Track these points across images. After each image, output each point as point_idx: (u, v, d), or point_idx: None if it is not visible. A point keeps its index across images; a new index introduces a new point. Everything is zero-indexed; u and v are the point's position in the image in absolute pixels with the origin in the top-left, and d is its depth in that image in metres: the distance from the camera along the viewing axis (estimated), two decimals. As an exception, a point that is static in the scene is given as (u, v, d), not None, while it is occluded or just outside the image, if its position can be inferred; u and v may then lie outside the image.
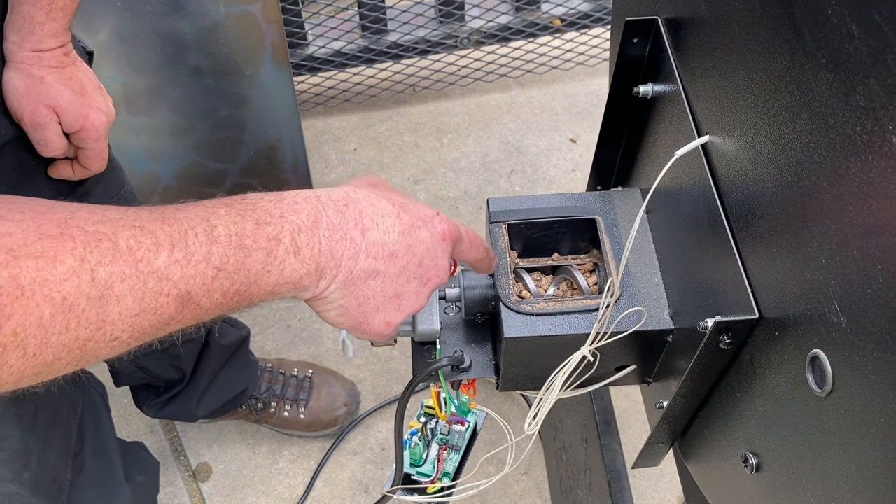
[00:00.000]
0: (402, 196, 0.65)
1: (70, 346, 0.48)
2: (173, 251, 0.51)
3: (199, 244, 0.52)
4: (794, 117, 0.50)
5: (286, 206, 0.57)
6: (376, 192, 0.63)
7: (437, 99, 2.06)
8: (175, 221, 0.52)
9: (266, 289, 0.56)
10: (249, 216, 0.55)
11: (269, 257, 0.55)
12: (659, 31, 0.75)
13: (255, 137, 1.63)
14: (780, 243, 0.53)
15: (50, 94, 0.90)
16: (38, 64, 0.89)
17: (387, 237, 0.61)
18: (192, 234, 0.52)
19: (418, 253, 0.63)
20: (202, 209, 0.54)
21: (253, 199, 0.57)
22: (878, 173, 0.41)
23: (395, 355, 1.64)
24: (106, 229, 0.50)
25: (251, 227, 0.54)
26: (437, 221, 0.64)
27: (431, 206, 0.66)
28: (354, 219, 0.59)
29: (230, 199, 0.56)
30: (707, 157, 0.66)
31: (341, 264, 0.59)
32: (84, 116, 0.93)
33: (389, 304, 0.63)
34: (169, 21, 1.45)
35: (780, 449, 0.56)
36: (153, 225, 0.51)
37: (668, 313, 0.74)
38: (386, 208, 0.61)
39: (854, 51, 0.42)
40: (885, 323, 0.42)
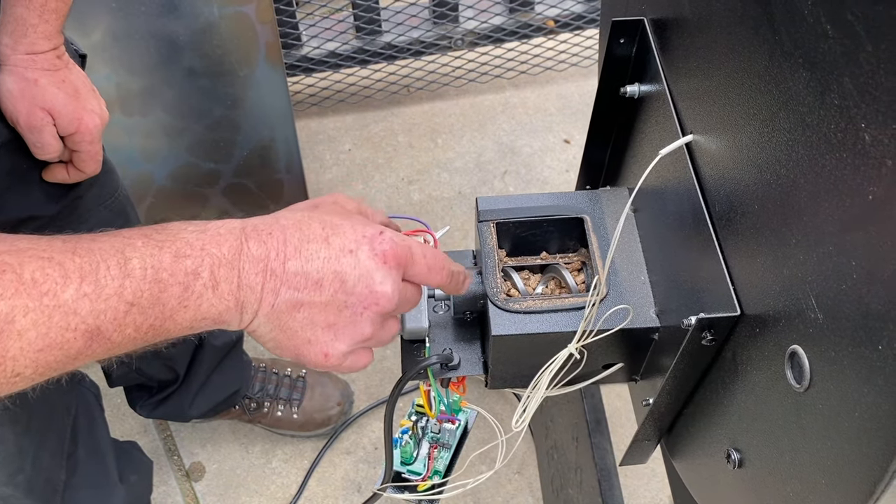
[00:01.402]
0: (341, 217, 0.60)
1: None
2: (82, 284, 0.49)
3: (112, 277, 0.50)
4: (772, 116, 0.51)
5: (209, 238, 0.54)
6: (313, 213, 0.59)
7: (432, 100, 2.07)
8: (87, 253, 0.50)
9: (183, 324, 0.54)
10: (168, 248, 0.52)
11: (186, 292, 0.53)
12: (645, 32, 0.76)
13: (249, 138, 1.64)
14: (760, 241, 0.54)
15: (45, 97, 0.90)
16: (32, 67, 0.89)
17: (309, 265, 0.56)
18: (103, 267, 0.50)
19: (349, 279, 0.57)
20: (118, 240, 0.52)
21: (175, 229, 0.54)
22: (851, 170, 0.42)
23: (388, 355, 1.65)
24: (11, 260, 0.48)
25: (169, 260, 0.52)
26: (378, 242, 0.59)
27: (382, 225, 0.61)
28: (276, 249, 0.56)
29: (151, 228, 0.54)
30: (691, 156, 0.66)
31: (262, 298, 0.56)
32: (78, 119, 0.93)
33: (323, 335, 0.59)
34: (163, 22, 1.45)
35: (761, 444, 0.57)
36: (63, 256, 0.49)
37: (654, 311, 0.75)
38: (314, 233, 0.57)
39: (828, 50, 0.43)
40: (858, 318, 0.42)
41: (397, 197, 1.89)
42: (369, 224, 0.60)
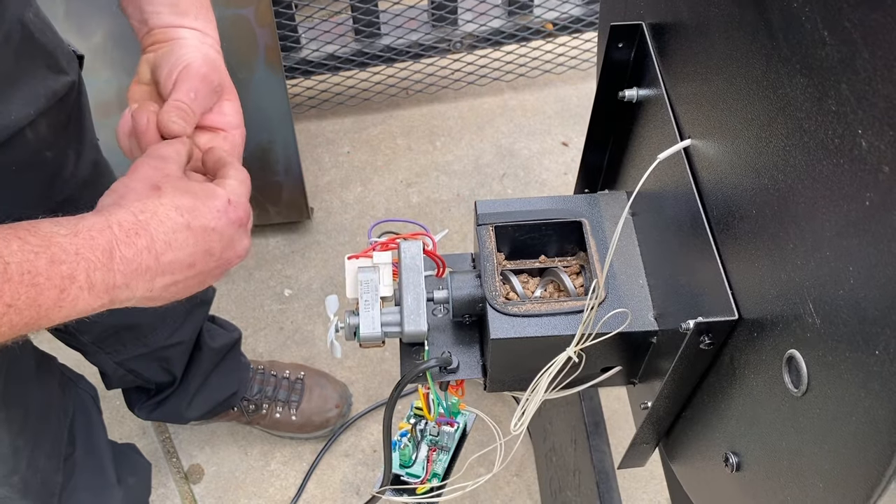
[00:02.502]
0: (189, 195, 0.64)
1: None
2: None
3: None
4: (770, 121, 0.51)
5: (82, 242, 0.56)
6: (163, 199, 0.62)
7: (430, 102, 2.07)
8: None
9: (57, 320, 0.56)
10: (43, 254, 0.54)
11: (62, 294, 0.55)
12: (643, 37, 0.76)
13: (248, 140, 1.63)
14: (758, 245, 0.54)
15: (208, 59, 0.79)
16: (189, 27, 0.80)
17: (181, 253, 0.62)
18: None
19: (216, 250, 0.65)
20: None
21: (46, 233, 0.55)
22: (848, 176, 0.42)
23: (387, 357, 1.65)
24: None
25: (44, 265, 0.54)
26: (232, 211, 0.66)
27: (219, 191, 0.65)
28: (147, 247, 0.59)
29: (24, 230, 0.55)
30: (689, 161, 0.67)
31: (137, 288, 0.60)
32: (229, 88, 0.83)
33: (193, 288, 0.66)
34: (162, 24, 1.45)
35: (759, 448, 0.57)
36: None
37: (652, 315, 0.75)
38: (176, 222, 0.61)
39: (826, 56, 0.43)
40: (856, 323, 0.43)
41: (396, 199, 1.89)
42: (215, 195, 0.65)
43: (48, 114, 0.95)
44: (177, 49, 0.78)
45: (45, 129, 0.95)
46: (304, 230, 1.84)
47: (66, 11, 1.43)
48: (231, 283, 1.76)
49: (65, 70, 0.97)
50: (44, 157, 0.96)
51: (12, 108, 0.90)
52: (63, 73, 0.97)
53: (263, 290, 1.76)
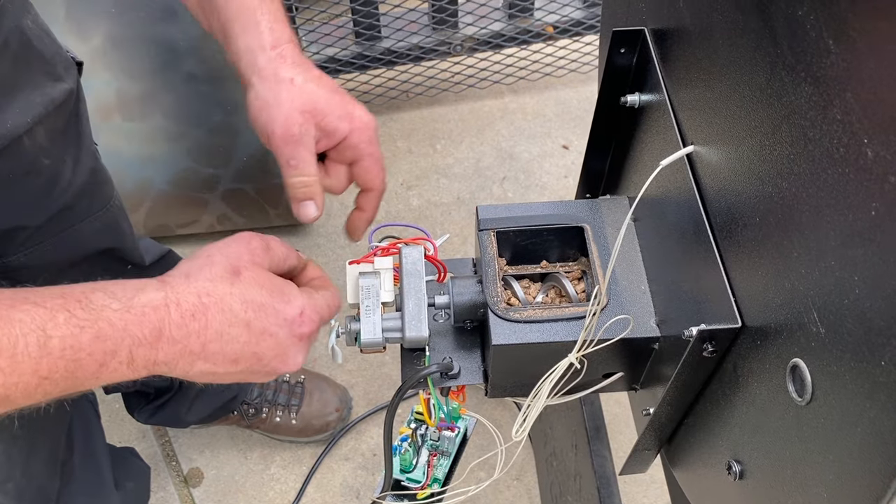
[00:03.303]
0: (265, 292, 0.61)
1: None
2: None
3: (29, 355, 0.50)
4: (774, 129, 0.51)
5: (132, 318, 0.55)
6: (234, 289, 0.59)
7: (431, 105, 2.07)
8: (6, 323, 0.50)
9: (88, 388, 0.55)
10: (89, 330, 0.52)
11: (100, 368, 0.53)
12: (646, 42, 0.76)
13: (248, 143, 1.64)
14: (761, 253, 0.54)
15: (304, 95, 0.72)
16: (284, 64, 0.72)
17: (229, 347, 0.59)
18: (22, 344, 0.50)
19: (265, 357, 0.61)
20: (41, 313, 0.51)
21: (98, 305, 0.54)
22: (853, 185, 0.42)
23: (387, 361, 1.64)
24: None
25: (88, 340, 0.52)
26: (298, 325, 0.62)
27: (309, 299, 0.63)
28: (198, 332, 0.57)
29: (74, 300, 0.53)
30: (692, 167, 0.66)
31: (176, 367, 0.58)
32: (349, 115, 0.74)
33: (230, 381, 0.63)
34: (163, 27, 1.45)
35: (762, 456, 0.57)
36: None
37: (654, 321, 0.75)
38: (237, 315, 0.59)
39: (831, 65, 0.43)
40: (861, 333, 0.42)
41: (396, 202, 1.89)
42: (291, 302, 0.62)
43: (46, 121, 0.94)
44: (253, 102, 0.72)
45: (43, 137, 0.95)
46: (303, 233, 1.84)
47: (66, 14, 1.43)
48: (231, 286, 1.76)
49: (63, 77, 0.97)
50: (41, 165, 0.96)
51: (9, 116, 0.89)
52: (61, 81, 0.96)
53: (263, 293, 1.75)
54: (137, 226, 1.64)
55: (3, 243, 0.99)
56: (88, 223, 1.06)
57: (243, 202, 1.73)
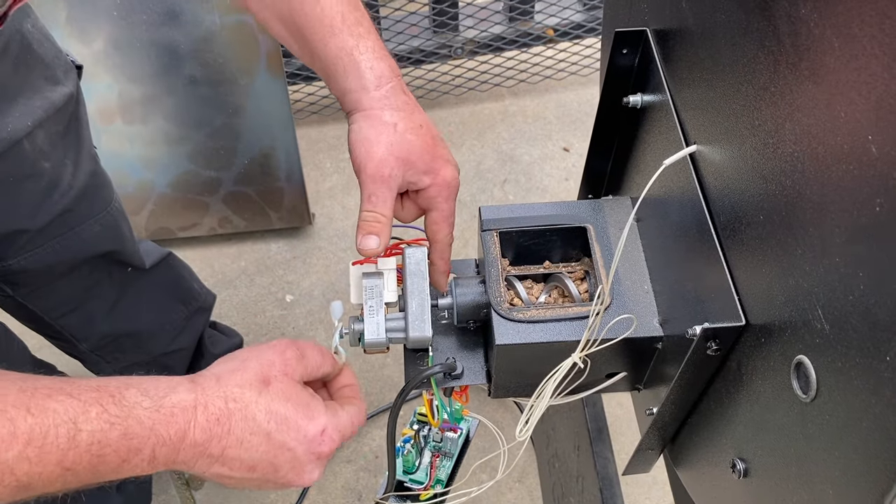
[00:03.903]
0: (290, 406, 0.62)
1: None
2: (27, 448, 0.50)
3: (57, 447, 0.51)
4: (778, 128, 0.51)
5: (161, 418, 0.56)
6: (261, 399, 0.61)
7: (431, 108, 2.07)
8: (41, 412, 0.51)
9: (105, 481, 0.56)
10: (119, 427, 0.54)
11: (123, 463, 0.55)
12: (648, 42, 0.76)
13: (249, 146, 1.64)
14: (765, 251, 0.54)
15: (403, 144, 0.75)
16: (387, 107, 0.75)
17: (247, 454, 0.61)
18: (52, 435, 0.51)
19: (282, 469, 0.63)
20: (75, 405, 0.53)
21: (130, 402, 0.55)
22: (857, 182, 0.42)
23: (389, 363, 1.64)
24: None
25: (116, 437, 0.54)
26: (318, 444, 0.64)
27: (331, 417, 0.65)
28: (220, 437, 0.59)
29: (108, 395, 0.55)
30: (695, 167, 0.66)
31: (193, 466, 0.60)
32: (435, 171, 0.77)
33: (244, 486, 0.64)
34: (164, 30, 1.45)
35: (766, 454, 0.57)
36: (16, 412, 0.50)
37: (657, 320, 0.75)
38: (259, 425, 0.60)
39: (834, 62, 0.43)
40: (866, 329, 0.43)
41: (397, 205, 1.89)
42: (314, 419, 0.63)
43: (46, 125, 0.95)
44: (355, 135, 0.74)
45: (43, 141, 0.95)
46: (305, 236, 1.84)
47: (68, 17, 1.43)
48: (232, 289, 1.76)
49: (62, 81, 0.97)
50: (41, 169, 0.96)
51: (9, 119, 0.90)
52: (61, 84, 0.97)
53: (265, 295, 1.75)
54: (139, 228, 1.64)
55: (3, 247, 0.99)
56: (88, 226, 1.06)
57: (245, 205, 1.73)
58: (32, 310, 1.11)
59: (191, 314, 1.30)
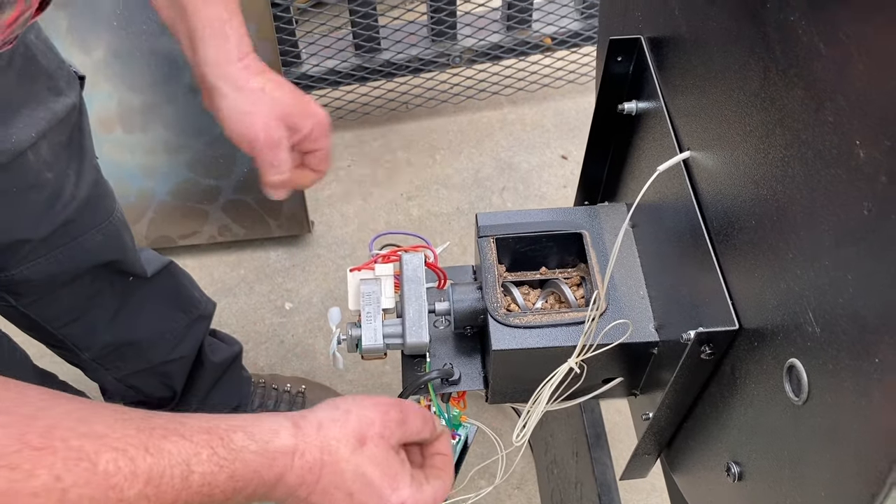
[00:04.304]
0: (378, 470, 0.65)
1: None
2: (146, 486, 0.52)
3: (172, 486, 0.54)
4: (768, 133, 0.51)
5: (263, 462, 0.59)
6: (354, 456, 0.64)
7: (430, 116, 2.08)
8: (158, 453, 0.53)
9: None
10: (227, 469, 0.57)
11: (226, 501, 0.58)
12: (642, 50, 0.77)
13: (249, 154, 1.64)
14: (757, 255, 0.55)
15: (275, 103, 0.80)
16: (249, 75, 0.80)
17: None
18: (168, 475, 0.53)
19: None
20: (188, 447, 0.55)
21: (238, 446, 0.58)
22: (846, 186, 0.43)
23: (388, 370, 1.65)
24: (89, 447, 0.51)
25: (224, 479, 0.57)
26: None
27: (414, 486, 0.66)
28: (309, 484, 0.62)
29: (217, 438, 0.58)
30: (689, 173, 0.67)
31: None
32: (311, 113, 0.83)
33: None
34: (164, 40, 1.46)
35: (760, 457, 0.57)
36: (136, 451, 0.53)
37: (652, 325, 0.75)
38: (345, 482, 0.63)
39: (822, 68, 0.44)
40: (855, 332, 0.43)
41: (396, 213, 1.90)
42: (397, 490, 0.65)
43: (49, 136, 0.95)
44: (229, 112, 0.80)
45: (46, 151, 0.96)
46: (304, 244, 1.85)
47: (69, 27, 1.44)
48: (232, 297, 1.76)
49: (65, 92, 0.98)
50: (44, 179, 0.97)
51: (13, 131, 0.90)
52: (64, 95, 0.97)
53: (264, 303, 1.76)
54: (139, 237, 1.65)
55: (5, 257, 0.99)
56: (91, 236, 1.07)
57: (244, 213, 1.73)
58: (35, 319, 1.12)
59: (191, 322, 1.30)
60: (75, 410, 0.53)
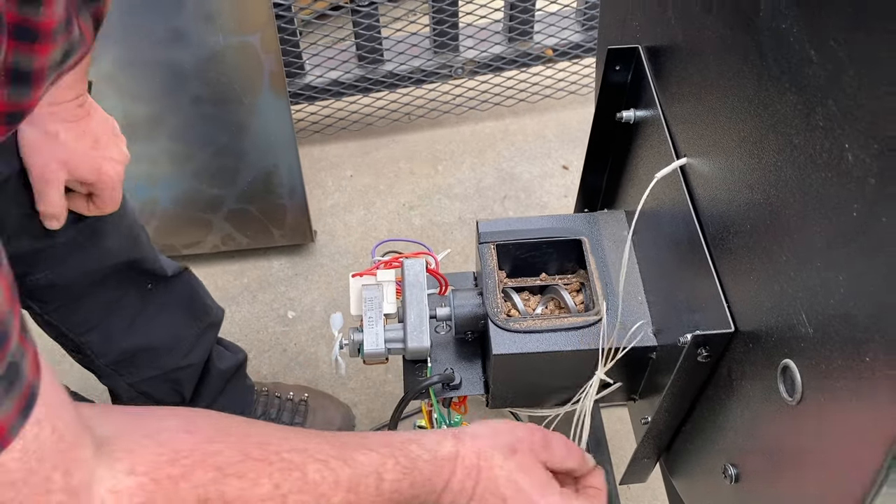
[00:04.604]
0: (528, 479, 0.68)
1: None
2: (348, 494, 0.59)
3: (368, 493, 0.60)
4: (762, 138, 0.53)
5: (434, 470, 0.65)
6: (507, 462, 0.68)
7: (433, 127, 2.10)
8: (354, 464, 0.60)
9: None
10: (408, 477, 0.64)
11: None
12: (640, 59, 0.78)
13: (253, 164, 1.66)
14: (752, 259, 0.56)
15: (64, 150, 0.89)
16: (53, 119, 0.88)
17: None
18: (364, 483, 0.60)
19: None
20: (376, 458, 0.61)
21: (414, 456, 0.65)
22: (836, 189, 0.44)
23: (390, 379, 1.65)
24: (298, 459, 0.57)
25: (406, 487, 0.63)
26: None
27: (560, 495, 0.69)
28: (468, 490, 0.67)
29: (398, 450, 0.64)
30: (685, 179, 0.68)
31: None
32: (97, 169, 0.93)
33: None
34: (170, 51, 1.48)
35: (756, 458, 0.58)
36: (337, 463, 0.59)
37: (651, 330, 0.76)
38: (498, 487, 0.67)
39: (813, 74, 0.45)
40: (847, 331, 0.44)
41: (399, 222, 1.91)
42: (545, 497, 0.68)
43: None
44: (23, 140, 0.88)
45: None
46: (307, 253, 1.86)
47: (76, 38, 1.46)
48: (235, 306, 1.77)
49: None
50: None
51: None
52: None
53: (267, 312, 1.77)
54: (143, 246, 1.66)
55: (30, 261, 1.01)
56: (110, 235, 1.08)
57: (247, 222, 1.75)
58: (58, 327, 1.14)
59: (203, 330, 1.31)
60: (276, 430, 0.60)
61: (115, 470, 0.50)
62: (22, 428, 0.44)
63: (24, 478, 0.45)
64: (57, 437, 0.47)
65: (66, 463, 0.47)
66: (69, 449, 0.48)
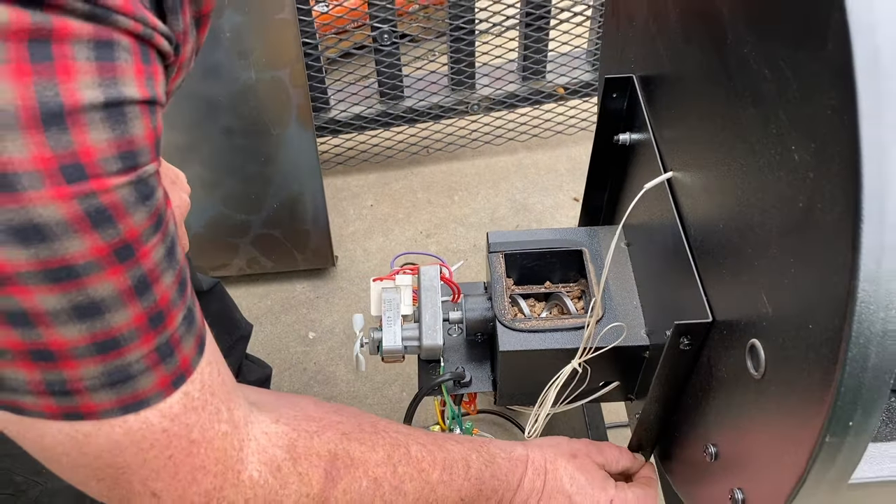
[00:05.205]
0: (586, 478, 0.79)
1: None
2: (443, 473, 0.67)
3: (458, 475, 0.68)
4: (731, 148, 0.61)
5: (510, 467, 0.75)
6: (569, 464, 0.79)
7: (449, 160, 2.19)
8: (446, 451, 0.69)
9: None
10: (489, 469, 0.72)
11: (479, 496, 0.71)
12: (634, 87, 0.87)
13: (279, 192, 1.76)
14: (725, 254, 0.63)
15: None
16: None
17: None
18: (455, 466, 0.68)
19: None
20: (463, 448, 0.71)
21: (493, 453, 0.74)
22: (786, 185, 0.51)
23: (405, 397, 1.72)
24: (402, 439, 0.66)
25: (488, 477, 0.72)
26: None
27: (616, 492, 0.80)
28: (536, 490, 0.76)
29: (480, 445, 0.74)
30: (673, 192, 0.76)
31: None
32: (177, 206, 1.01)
33: None
34: (205, 84, 1.59)
35: (731, 432, 0.65)
36: (433, 447, 0.68)
37: (644, 331, 0.84)
38: (563, 485, 0.77)
39: (768, 90, 0.53)
40: (797, 308, 0.51)
41: (415, 248, 1.99)
42: (605, 490, 0.80)
43: None
44: None
45: None
46: (328, 277, 1.94)
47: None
48: (258, 326, 1.85)
49: None
50: None
51: None
52: None
53: (289, 332, 1.85)
54: (174, 267, 1.74)
55: None
56: None
57: (272, 246, 1.84)
58: None
59: (234, 343, 1.38)
60: (380, 418, 0.69)
61: (264, 418, 0.60)
62: (199, 364, 0.52)
63: (202, 405, 0.52)
64: (221, 379, 0.55)
65: (229, 401, 0.55)
66: (231, 391, 0.56)
